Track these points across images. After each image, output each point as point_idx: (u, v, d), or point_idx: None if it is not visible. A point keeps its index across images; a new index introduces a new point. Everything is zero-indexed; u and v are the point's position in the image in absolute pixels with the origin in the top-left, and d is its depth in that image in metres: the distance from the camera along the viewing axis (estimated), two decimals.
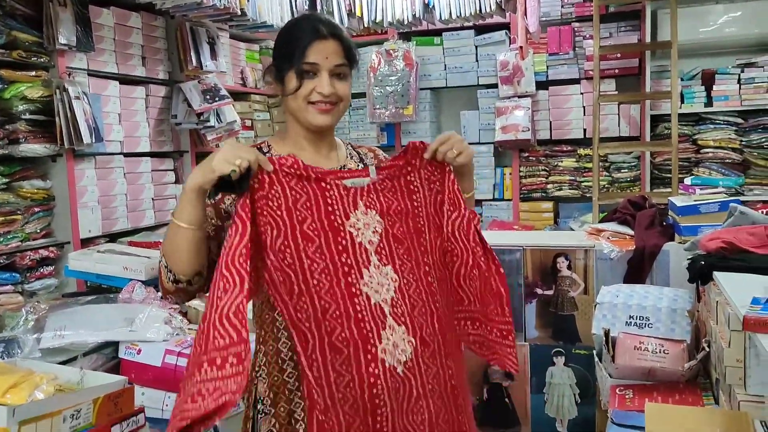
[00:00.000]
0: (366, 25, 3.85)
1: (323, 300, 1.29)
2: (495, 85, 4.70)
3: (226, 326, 1.15)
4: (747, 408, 1.45)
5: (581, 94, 4.54)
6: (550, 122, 4.63)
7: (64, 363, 1.73)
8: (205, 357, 1.14)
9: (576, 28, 4.54)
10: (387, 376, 1.30)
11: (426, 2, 3.71)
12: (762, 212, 2.12)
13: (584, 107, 4.54)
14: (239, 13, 3.28)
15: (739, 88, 4.19)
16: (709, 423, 1.38)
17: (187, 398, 1.13)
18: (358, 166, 1.56)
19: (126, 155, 3.40)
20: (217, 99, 3.76)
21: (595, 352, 2.13)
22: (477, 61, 4.79)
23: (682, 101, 4.28)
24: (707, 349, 1.86)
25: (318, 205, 1.34)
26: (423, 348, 1.35)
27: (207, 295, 1.24)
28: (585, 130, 4.55)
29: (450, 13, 3.71)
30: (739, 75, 4.20)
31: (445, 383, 1.39)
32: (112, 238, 3.20)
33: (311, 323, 1.29)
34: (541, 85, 4.63)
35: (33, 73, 2.86)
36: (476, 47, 4.77)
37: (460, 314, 1.49)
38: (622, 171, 4.49)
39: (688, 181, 2.63)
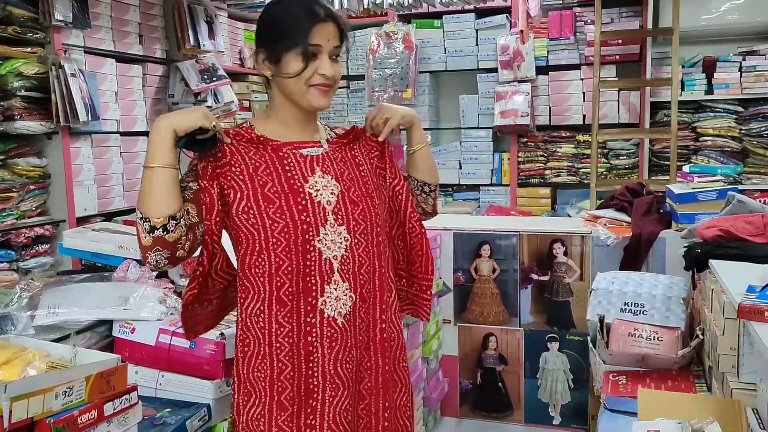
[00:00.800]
0: (366, 7, 3.82)
1: (278, 257, 1.40)
2: (495, 70, 4.66)
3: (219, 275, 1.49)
4: (739, 396, 1.46)
5: (581, 79, 4.52)
6: (550, 108, 4.61)
7: (57, 340, 1.73)
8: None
9: (577, 13, 4.50)
10: (323, 325, 1.42)
11: None
12: (760, 201, 2.12)
13: (584, 93, 4.52)
14: None
15: (740, 76, 4.16)
16: (702, 410, 1.38)
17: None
18: None
19: (122, 134, 3.38)
20: (214, 79, 3.74)
21: (589, 338, 2.14)
22: (477, 44, 4.74)
23: (683, 88, 4.25)
24: (701, 336, 1.86)
25: (277, 171, 1.44)
26: (361, 303, 1.48)
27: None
28: (584, 116, 4.52)
29: None
30: (741, 63, 4.17)
31: (375, 335, 1.51)
32: (108, 217, 3.19)
33: (265, 278, 1.42)
34: (541, 70, 4.59)
35: (29, 49, 2.83)
36: (476, 31, 4.72)
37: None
38: (621, 158, 4.47)
39: (686, 168, 2.63)
